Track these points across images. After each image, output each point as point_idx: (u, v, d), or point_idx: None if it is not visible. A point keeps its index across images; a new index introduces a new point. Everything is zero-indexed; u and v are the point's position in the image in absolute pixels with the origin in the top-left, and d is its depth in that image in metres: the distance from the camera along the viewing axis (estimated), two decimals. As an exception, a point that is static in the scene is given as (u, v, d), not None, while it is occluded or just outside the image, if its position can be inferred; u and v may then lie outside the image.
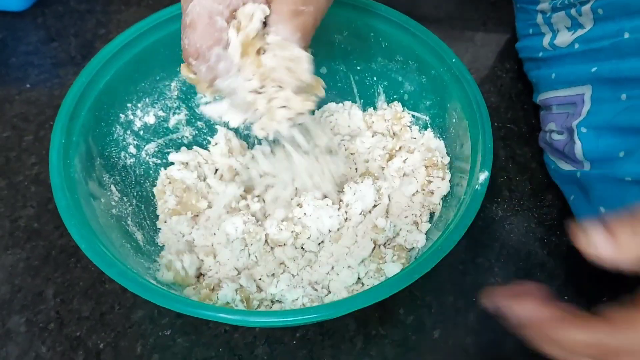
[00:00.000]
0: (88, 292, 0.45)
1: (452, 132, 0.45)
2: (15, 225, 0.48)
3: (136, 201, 0.45)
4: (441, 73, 0.45)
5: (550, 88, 0.50)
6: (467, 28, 0.64)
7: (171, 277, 0.41)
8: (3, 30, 0.62)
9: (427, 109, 0.48)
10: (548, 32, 0.51)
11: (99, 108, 0.43)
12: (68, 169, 0.39)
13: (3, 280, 0.45)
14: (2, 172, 0.51)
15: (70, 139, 0.40)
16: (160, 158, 0.49)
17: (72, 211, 0.36)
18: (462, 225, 0.36)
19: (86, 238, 0.35)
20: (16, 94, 0.57)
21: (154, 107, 0.48)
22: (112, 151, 0.45)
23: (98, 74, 0.43)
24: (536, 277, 0.46)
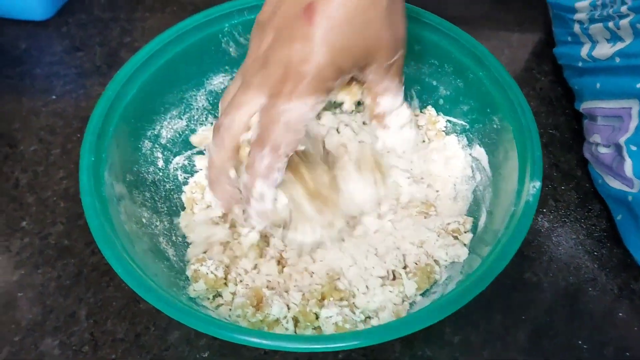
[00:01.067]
0: (122, 312, 0.43)
1: (494, 139, 0.43)
2: (44, 242, 0.47)
3: (167, 217, 0.44)
4: (480, 76, 0.43)
5: (595, 97, 0.48)
6: (501, 29, 0.62)
7: (203, 286, 0.40)
8: (27, 40, 0.61)
9: (465, 114, 0.46)
10: (587, 42, 0.49)
11: (126, 122, 0.42)
12: (99, 187, 0.37)
13: (34, 300, 0.44)
14: (30, 188, 0.50)
15: (100, 156, 0.39)
16: (189, 172, 0.48)
17: (106, 234, 0.35)
18: (516, 240, 0.35)
19: (122, 262, 0.34)
20: (42, 106, 0.56)
21: (181, 119, 0.47)
22: (141, 166, 0.44)
23: (124, 88, 0.42)
24: (588, 292, 0.44)
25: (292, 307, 0.38)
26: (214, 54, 0.46)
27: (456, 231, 0.42)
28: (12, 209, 0.49)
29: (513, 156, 0.39)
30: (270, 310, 0.38)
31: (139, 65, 0.42)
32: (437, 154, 0.46)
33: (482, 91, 0.43)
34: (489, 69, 0.42)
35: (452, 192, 0.45)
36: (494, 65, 0.42)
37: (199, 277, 0.40)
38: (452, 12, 0.63)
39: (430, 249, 0.41)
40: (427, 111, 0.48)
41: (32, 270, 0.46)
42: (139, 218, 0.40)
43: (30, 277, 0.45)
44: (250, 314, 0.38)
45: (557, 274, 0.45)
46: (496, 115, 0.42)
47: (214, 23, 0.45)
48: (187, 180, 0.47)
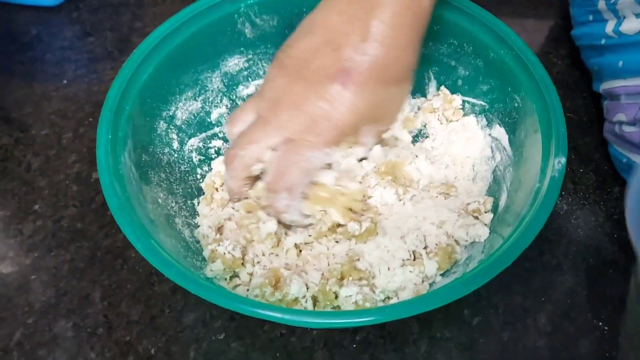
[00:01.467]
0: (136, 295, 0.43)
1: (515, 117, 0.42)
2: (58, 225, 0.47)
3: (182, 198, 0.44)
4: (501, 55, 0.42)
5: (617, 77, 0.47)
6: (517, 14, 0.61)
7: (220, 266, 0.39)
8: (38, 26, 0.61)
9: (484, 94, 0.45)
10: (612, 18, 0.48)
11: (142, 102, 0.41)
12: (117, 165, 0.37)
13: (48, 283, 0.44)
14: (43, 172, 0.50)
15: (117, 134, 0.38)
16: (203, 154, 0.47)
17: (125, 211, 0.34)
18: (542, 216, 0.34)
19: (141, 239, 0.33)
20: (53, 91, 0.55)
21: (196, 101, 0.47)
22: (157, 147, 0.43)
23: (140, 67, 0.41)
24: (608, 275, 0.43)
25: (311, 287, 0.38)
26: (230, 35, 0.46)
27: (476, 211, 0.41)
28: (24, 192, 0.48)
29: (536, 134, 0.38)
30: (289, 290, 0.37)
31: (155, 45, 0.42)
32: (456, 135, 0.45)
33: (503, 70, 0.42)
34: (512, 48, 0.41)
35: (471, 173, 0.44)
36: (516, 43, 0.41)
37: (216, 257, 0.39)
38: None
39: (450, 229, 0.40)
40: (441, 92, 0.48)
41: (45, 253, 0.45)
42: (155, 198, 0.40)
43: (43, 260, 0.45)
44: (269, 293, 0.37)
45: (576, 256, 0.44)
46: (518, 94, 0.41)
47: (230, 3, 0.45)
48: (201, 164, 0.46)
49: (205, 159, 0.47)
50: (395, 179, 0.43)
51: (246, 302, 0.31)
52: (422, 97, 0.49)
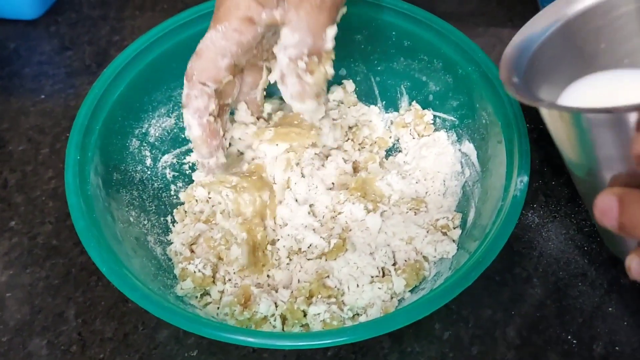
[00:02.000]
0: (110, 311, 0.43)
1: (483, 134, 0.43)
2: (33, 242, 0.47)
3: (155, 216, 0.44)
4: (469, 72, 0.43)
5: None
6: (492, 25, 0.62)
7: (190, 284, 0.40)
8: (16, 40, 0.61)
9: (454, 110, 0.46)
10: None
11: (113, 121, 0.42)
12: (85, 186, 0.37)
13: (23, 300, 0.44)
14: (19, 187, 0.50)
15: (86, 154, 0.39)
16: (177, 170, 0.47)
17: (91, 232, 0.35)
18: (503, 235, 0.35)
19: (107, 261, 0.34)
20: (31, 106, 0.56)
21: (170, 117, 0.47)
22: (129, 165, 0.44)
23: (111, 86, 0.42)
24: (577, 287, 0.44)
25: (280, 305, 0.38)
26: None
27: (445, 227, 0.41)
28: (0, 209, 0.49)
29: (501, 151, 0.39)
30: (258, 308, 0.37)
31: (126, 63, 0.42)
32: (427, 150, 0.46)
33: (471, 86, 0.43)
34: (478, 64, 0.42)
35: (441, 188, 0.45)
36: (483, 60, 0.42)
37: (186, 276, 0.39)
38: (444, 8, 0.63)
39: (419, 246, 0.41)
40: (412, 107, 0.48)
41: (20, 271, 0.45)
42: (127, 217, 0.40)
43: (19, 277, 0.45)
44: (238, 312, 0.38)
45: (547, 269, 0.45)
46: (485, 111, 0.42)
47: (203, 20, 0.45)
48: (175, 181, 0.47)
49: (180, 174, 0.47)
50: (366, 195, 0.43)
51: (211, 326, 0.32)
52: (394, 112, 0.49)
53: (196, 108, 0.37)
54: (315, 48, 0.36)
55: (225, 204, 0.43)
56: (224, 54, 0.37)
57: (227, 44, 0.37)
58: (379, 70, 0.48)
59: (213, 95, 0.38)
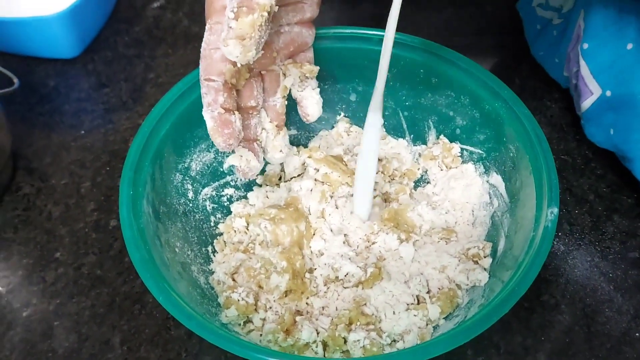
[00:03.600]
0: (154, 339, 0.45)
1: (510, 167, 0.45)
2: (78, 272, 0.49)
3: (197, 246, 0.46)
4: (496, 107, 0.45)
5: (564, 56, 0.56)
6: (510, 58, 0.64)
7: (234, 312, 0.41)
8: (55, 78, 0.64)
9: (481, 143, 0.48)
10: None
11: (160, 157, 0.44)
12: (138, 219, 0.39)
13: (70, 329, 0.46)
14: (63, 220, 0.52)
15: (137, 189, 0.41)
16: (216, 202, 0.50)
17: (147, 264, 0.37)
18: (536, 265, 0.36)
19: (162, 291, 0.36)
20: (72, 141, 0.58)
21: (209, 152, 0.49)
22: (173, 198, 0.46)
23: (158, 125, 0.44)
24: (605, 313, 0.45)
25: (321, 332, 0.40)
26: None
27: (476, 256, 0.43)
28: (46, 240, 0.51)
29: (530, 183, 0.41)
30: (300, 335, 0.39)
31: (171, 103, 0.45)
32: (455, 182, 0.47)
33: (498, 121, 0.45)
34: (505, 100, 0.44)
35: (470, 218, 0.46)
36: (509, 96, 0.44)
37: (230, 304, 0.41)
38: (462, 41, 0.66)
39: (451, 274, 0.43)
40: (440, 140, 0.50)
41: (67, 300, 0.47)
42: (173, 247, 0.42)
43: (65, 307, 0.47)
44: (281, 339, 0.39)
45: (574, 296, 0.46)
46: (512, 144, 0.44)
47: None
48: (215, 212, 0.49)
49: (219, 206, 0.49)
50: (398, 225, 0.45)
51: (258, 351, 0.33)
52: (422, 145, 0.52)
53: (207, 103, 0.39)
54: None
55: (264, 235, 0.45)
56: (216, 47, 0.38)
57: (215, 37, 0.38)
58: (407, 105, 0.51)
59: (221, 88, 0.39)
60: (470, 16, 0.69)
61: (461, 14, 0.70)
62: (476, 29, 0.68)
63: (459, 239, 0.45)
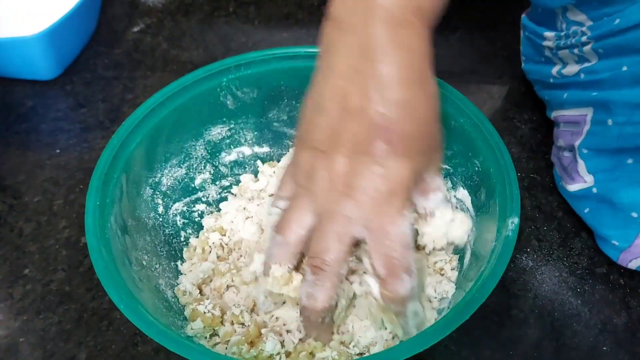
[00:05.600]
0: (121, 354, 0.45)
1: (476, 180, 0.45)
2: (47, 289, 0.49)
3: (165, 260, 0.46)
4: (461, 123, 0.45)
5: (561, 107, 0.53)
6: (484, 82, 0.66)
7: (200, 325, 0.41)
8: (33, 98, 0.64)
9: (449, 159, 0.48)
10: (558, 63, 0.53)
11: (129, 170, 0.44)
12: (103, 230, 0.39)
13: (35, 345, 0.45)
14: (34, 237, 0.52)
15: (104, 200, 0.41)
16: (187, 217, 0.50)
17: (110, 273, 0.37)
18: (497, 273, 0.36)
19: (124, 300, 0.36)
20: (47, 159, 0.58)
21: (181, 167, 0.50)
22: (142, 212, 0.46)
23: (129, 137, 0.44)
24: (572, 327, 0.45)
25: (287, 343, 0.40)
26: (213, 107, 0.49)
27: (442, 269, 0.43)
28: (15, 257, 0.51)
29: (493, 196, 0.41)
30: (264, 347, 0.39)
31: (143, 116, 0.45)
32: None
33: (464, 137, 0.46)
34: (469, 116, 0.45)
35: None
36: (474, 113, 0.45)
37: (196, 316, 0.41)
38: (440, 67, 0.67)
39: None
40: None
41: (33, 316, 0.47)
42: (140, 260, 0.42)
43: (32, 323, 0.46)
44: (245, 350, 0.39)
45: (542, 310, 0.46)
46: (477, 159, 0.44)
47: (213, 78, 0.49)
48: (185, 227, 0.49)
49: (189, 222, 0.50)
50: None
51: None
52: None
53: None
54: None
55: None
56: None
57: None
58: None
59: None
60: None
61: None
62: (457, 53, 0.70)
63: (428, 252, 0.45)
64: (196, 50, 0.70)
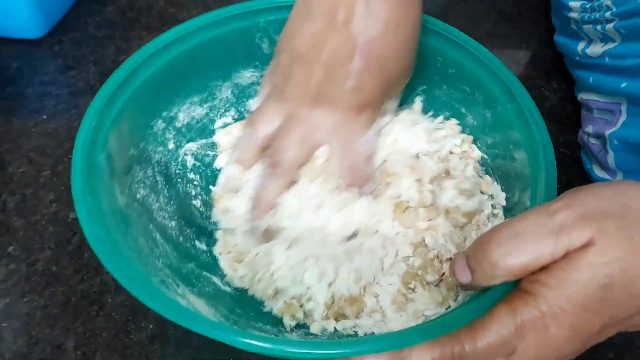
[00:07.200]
0: (112, 343, 0.41)
1: (513, 177, 0.40)
2: (32, 269, 0.45)
3: (164, 199, 0.42)
4: (508, 110, 0.40)
5: (589, 90, 0.49)
6: (508, 46, 0.61)
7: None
8: (19, 59, 0.59)
9: (488, 148, 0.43)
10: (584, 38, 0.49)
11: (141, 97, 0.40)
12: (95, 152, 0.36)
13: (19, 330, 0.41)
14: (19, 211, 0.48)
15: (104, 122, 0.37)
16: (199, 159, 0.46)
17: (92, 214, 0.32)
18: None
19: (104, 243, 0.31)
20: (33, 126, 0.54)
21: (202, 107, 0.46)
22: (149, 144, 0.42)
23: (147, 62, 0.41)
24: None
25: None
26: (247, 48, 0.45)
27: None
28: (-2, 233, 0.47)
29: (526, 199, 0.36)
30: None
31: (168, 42, 0.41)
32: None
33: (507, 125, 0.40)
34: (519, 103, 0.39)
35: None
36: (524, 99, 0.39)
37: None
38: (460, 29, 0.62)
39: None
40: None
41: (17, 299, 0.43)
42: (134, 193, 0.39)
43: (15, 306, 0.43)
44: None
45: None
46: (518, 153, 0.39)
47: (249, 16, 0.44)
48: (196, 168, 0.45)
49: (200, 165, 0.45)
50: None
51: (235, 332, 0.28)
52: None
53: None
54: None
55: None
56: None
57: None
58: (420, 94, 0.46)
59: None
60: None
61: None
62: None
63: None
64: (195, 8, 0.65)
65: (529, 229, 0.28)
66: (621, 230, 0.26)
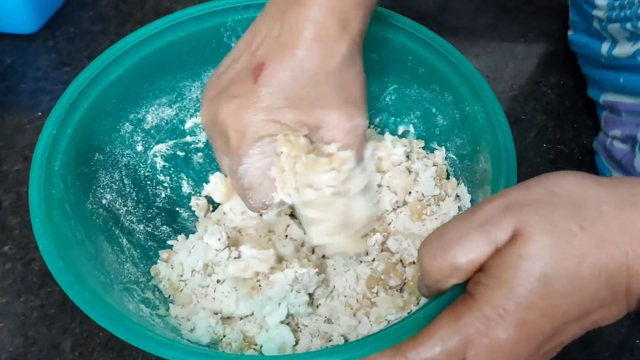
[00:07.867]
0: (109, 343, 0.41)
1: (478, 179, 0.40)
2: (28, 269, 0.45)
3: (132, 202, 0.42)
4: (475, 111, 0.39)
5: (619, 92, 0.47)
6: (506, 40, 0.60)
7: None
8: (12, 55, 0.59)
9: (457, 148, 0.43)
10: (607, 38, 0.48)
11: (105, 102, 0.40)
12: (53, 160, 0.37)
13: (15, 331, 0.42)
14: (14, 210, 0.48)
15: (64, 130, 0.37)
16: (169, 160, 0.46)
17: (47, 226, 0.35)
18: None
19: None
20: (27, 123, 0.54)
21: (171, 108, 0.45)
22: (116, 147, 0.42)
23: (111, 65, 0.41)
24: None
25: None
26: (215, 48, 0.44)
27: None
28: (-7, 232, 0.47)
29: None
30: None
31: (131, 45, 0.41)
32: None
33: (474, 126, 0.40)
34: (484, 104, 0.39)
35: None
36: (489, 99, 0.39)
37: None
38: (456, 23, 0.62)
39: None
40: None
41: (14, 299, 0.43)
42: (99, 200, 0.39)
43: (11, 306, 0.43)
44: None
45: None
46: (483, 155, 0.39)
47: (217, 16, 0.44)
48: (165, 170, 0.45)
49: (170, 166, 0.46)
50: None
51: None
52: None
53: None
54: None
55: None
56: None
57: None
58: (392, 92, 0.46)
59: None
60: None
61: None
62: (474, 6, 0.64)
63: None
64: (191, 2, 0.64)
65: (453, 227, 0.27)
66: (543, 218, 0.25)
